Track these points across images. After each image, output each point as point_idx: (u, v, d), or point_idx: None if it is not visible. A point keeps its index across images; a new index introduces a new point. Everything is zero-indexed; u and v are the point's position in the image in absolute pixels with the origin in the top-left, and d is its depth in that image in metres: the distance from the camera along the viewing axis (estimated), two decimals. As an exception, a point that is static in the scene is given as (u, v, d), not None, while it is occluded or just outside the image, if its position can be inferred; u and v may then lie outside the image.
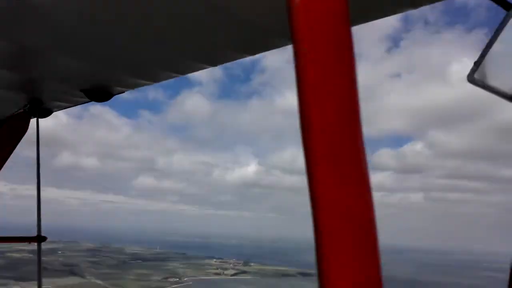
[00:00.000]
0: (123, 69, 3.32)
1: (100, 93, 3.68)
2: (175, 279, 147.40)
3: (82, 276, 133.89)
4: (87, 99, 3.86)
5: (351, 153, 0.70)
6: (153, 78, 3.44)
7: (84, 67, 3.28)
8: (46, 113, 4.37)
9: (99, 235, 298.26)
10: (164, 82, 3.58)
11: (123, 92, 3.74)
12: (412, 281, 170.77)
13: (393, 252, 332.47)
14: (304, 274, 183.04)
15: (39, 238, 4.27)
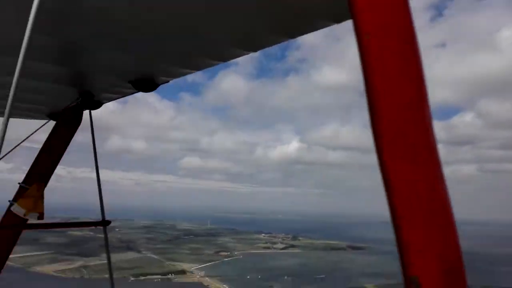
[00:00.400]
0: (167, 59, 3.38)
1: (146, 83, 3.80)
2: (226, 253, 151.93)
3: (139, 251, 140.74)
4: (134, 90, 3.96)
5: (420, 133, 0.71)
6: (197, 66, 3.50)
7: (131, 60, 3.39)
8: (97, 105, 4.54)
9: (152, 213, 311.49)
10: None
11: (168, 81, 3.82)
12: (469, 254, 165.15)
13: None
14: (353, 248, 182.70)
15: (104, 222, 4.50)
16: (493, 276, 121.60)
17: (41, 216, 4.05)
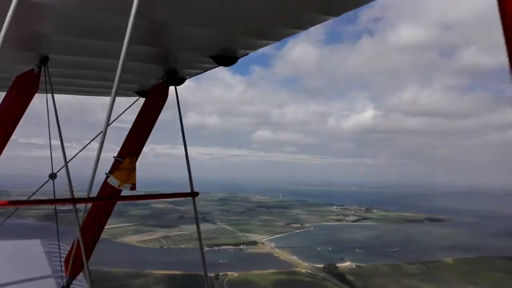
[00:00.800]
0: (246, 32, 3.46)
1: (227, 57, 3.95)
2: (297, 225, 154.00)
3: (214, 223, 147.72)
4: (215, 65, 4.15)
5: None
6: (275, 36, 3.53)
7: (212, 35, 3.50)
8: (181, 81, 4.82)
9: (227, 186, 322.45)
10: None
11: (247, 54, 3.93)
12: None
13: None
14: (431, 220, 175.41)
15: (193, 194, 4.75)
16: None
17: (133, 187, 4.35)
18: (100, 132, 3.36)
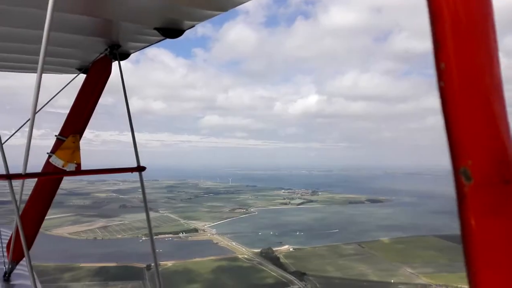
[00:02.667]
0: (192, 1, 3.37)
1: (172, 29, 3.82)
2: (242, 210, 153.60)
3: (157, 211, 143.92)
4: (161, 37, 4.02)
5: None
6: (222, 6, 3.43)
7: (156, 5, 3.40)
8: (125, 56, 4.59)
9: (177, 173, 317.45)
10: None
11: (193, 26, 3.81)
12: None
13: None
14: (372, 201, 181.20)
15: (140, 168, 4.50)
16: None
17: (78, 167, 4.19)
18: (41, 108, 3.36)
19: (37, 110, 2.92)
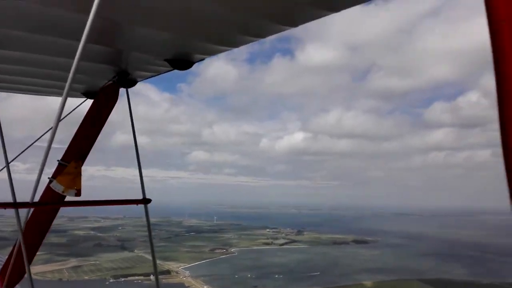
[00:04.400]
0: (203, 36, 3.41)
1: (182, 61, 3.86)
2: (222, 250, 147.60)
3: (131, 251, 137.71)
4: (170, 68, 4.05)
5: None
6: (232, 43, 3.52)
7: (167, 37, 3.42)
8: (132, 83, 4.59)
9: (162, 210, 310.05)
10: None
11: (203, 59, 3.86)
12: (484, 245, 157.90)
13: (463, 215, 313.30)
14: (358, 242, 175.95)
15: (145, 201, 4.58)
16: (501, 269, 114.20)
17: (78, 193, 4.20)
18: (47, 131, 3.46)
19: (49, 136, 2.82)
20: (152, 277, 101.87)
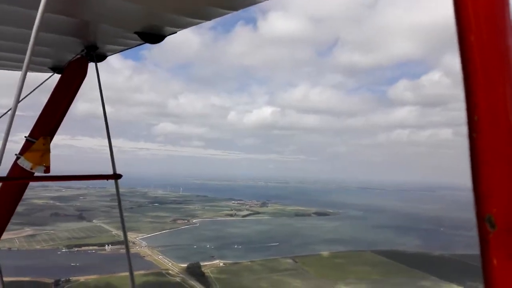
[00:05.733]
0: (175, 8, 3.35)
1: (153, 34, 3.76)
2: (184, 221, 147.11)
3: (89, 221, 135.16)
4: (140, 41, 3.97)
5: None
6: (205, 15, 3.45)
7: (137, 9, 3.35)
8: (102, 57, 4.51)
9: (129, 181, 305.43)
10: None
11: (175, 32, 3.77)
12: (439, 219, 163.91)
13: (424, 190, 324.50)
14: (319, 214, 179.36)
15: (116, 176, 4.52)
16: (452, 242, 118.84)
17: (47, 170, 4.10)
18: (9, 110, 3.26)
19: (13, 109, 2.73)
20: (106, 247, 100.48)
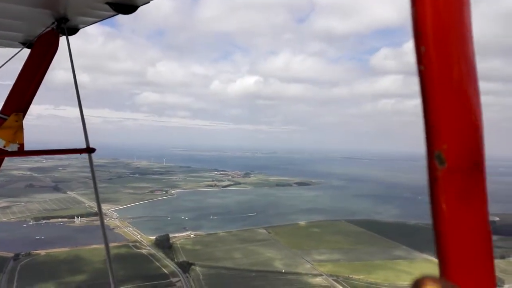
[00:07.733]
0: None
1: (125, 5, 3.63)
2: (162, 192, 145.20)
3: (64, 192, 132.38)
4: (113, 12, 3.83)
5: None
6: None
7: None
8: (73, 30, 4.38)
9: (113, 151, 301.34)
10: None
11: (148, 1, 3.62)
12: (419, 187, 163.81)
13: (409, 159, 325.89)
14: (300, 184, 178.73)
15: (89, 150, 4.45)
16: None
17: (21, 147, 4.08)
18: None
19: None
20: (76, 219, 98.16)
